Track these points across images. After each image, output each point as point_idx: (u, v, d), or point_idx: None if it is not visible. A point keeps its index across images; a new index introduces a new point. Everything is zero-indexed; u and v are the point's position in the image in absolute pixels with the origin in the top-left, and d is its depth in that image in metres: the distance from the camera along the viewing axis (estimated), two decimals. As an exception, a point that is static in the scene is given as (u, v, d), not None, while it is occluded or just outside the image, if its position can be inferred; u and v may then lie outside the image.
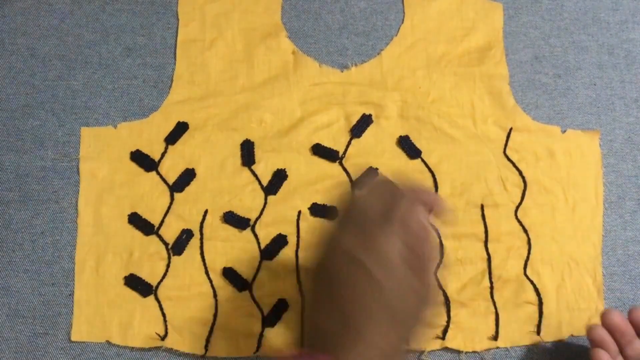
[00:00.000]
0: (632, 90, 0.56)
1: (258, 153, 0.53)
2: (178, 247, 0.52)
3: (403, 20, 0.57)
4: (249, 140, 0.53)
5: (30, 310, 0.51)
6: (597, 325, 0.45)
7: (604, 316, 0.45)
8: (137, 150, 0.53)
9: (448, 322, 0.50)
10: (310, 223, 0.52)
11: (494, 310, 0.50)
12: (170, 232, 0.52)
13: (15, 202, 0.53)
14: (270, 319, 0.50)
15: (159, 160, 0.53)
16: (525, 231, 0.52)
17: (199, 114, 0.54)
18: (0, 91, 0.55)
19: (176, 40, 0.56)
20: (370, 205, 0.34)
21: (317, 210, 0.52)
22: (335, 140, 0.54)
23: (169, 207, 0.52)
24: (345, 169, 0.53)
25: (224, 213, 0.52)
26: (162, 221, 0.52)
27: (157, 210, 0.52)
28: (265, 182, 0.53)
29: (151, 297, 0.51)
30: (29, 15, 0.57)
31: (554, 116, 0.56)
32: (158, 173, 0.53)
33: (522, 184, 0.53)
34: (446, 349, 0.50)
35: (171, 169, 0.53)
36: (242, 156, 0.53)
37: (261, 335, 0.50)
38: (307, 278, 0.46)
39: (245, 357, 0.50)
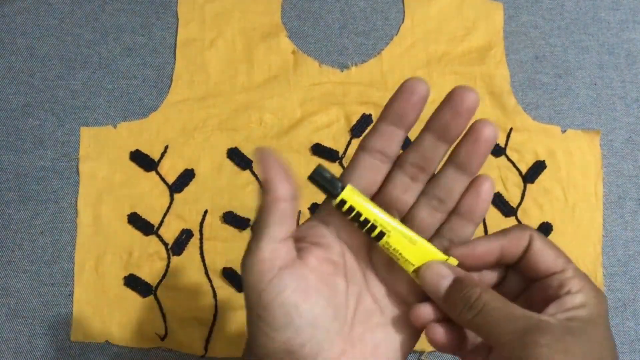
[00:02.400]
0: (632, 90, 0.56)
1: (258, 153, 0.53)
2: (178, 247, 0.52)
3: (403, 19, 0.57)
4: (231, 148, 0.53)
5: (29, 310, 0.51)
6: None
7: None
8: (137, 150, 0.53)
9: (448, 322, 0.50)
10: (310, 223, 0.52)
11: (494, 310, 0.50)
12: (170, 232, 0.52)
13: (15, 202, 0.53)
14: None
15: (159, 160, 0.53)
16: (526, 231, 0.52)
17: (198, 113, 0.54)
18: (-1, 91, 0.55)
19: (176, 40, 0.56)
20: None
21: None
22: (335, 140, 0.54)
23: (168, 207, 0.52)
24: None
25: (223, 213, 0.52)
26: (162, 221, 0.52)
27: (157, 210, 0.52)
28: (265, 182, 0.53)
29: (151, 297, 0.51)
30: (29, 15, 0.57)
31: (555, 116, 0.56)
32: (158, 173, 0.53)
33: (522, 184, 0.53)
34: (446, 349, 0.50)
35: (171, 169, 0.53)
36: (237, 164, 0.53)
37: (261, 335, 0.50)
38: None
39: (245, 358, 0.50)
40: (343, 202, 0.28)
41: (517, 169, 0.53)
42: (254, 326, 0.27)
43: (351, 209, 0.28)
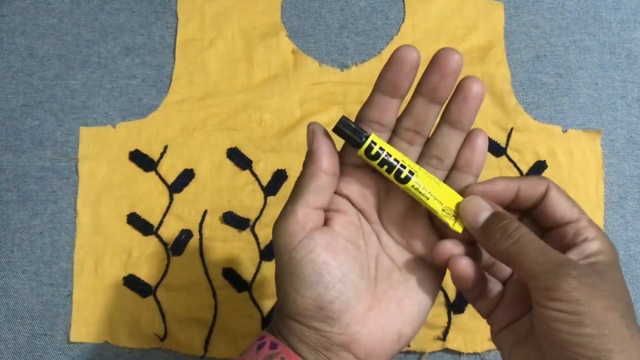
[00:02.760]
0: (633, 90, 0.56)
1: (258, 153, 0.53)
2: (177, 247, 0.51)
3: (404, 19, 0.57)
4: (231, 148, 0.53)
5: (28, 310, 0.51)
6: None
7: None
8: (136, 150, 0.53)
9: (449, 323, 0.50)
10: (310, 223, 0.52)
11: (494, 311, 0.50)
12: (170, 233, 0.52)
13: (14, 202, 0.53)
14: (270, 319, 0.50)
15: (158, 160, 0.53)
16: (526, 231, 0.52)
17: (198, 113, 0.54)
18: (-2, 91, 0.55)
19: (175, 40, 0.56)
20: None
21: (317, 210, 0.51)
22: (336, 139, 0.53)
23: (168, 207, 0.52)
24: (345, 169, 0.53)
25: (223, 213, 0.52)
26: (161, 221, 0.52)
27: (156, 211, 0.52)
28: (265, 183, 0.52)
29: (150, 298, 0.51)
30: (28, 15, 0.57)
31: (555, 116, 0.55)
32: (157, 173, 0.53)
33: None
34: (447, 350, 0.50)
35: (170, 168, 0.53)
36: (236, 164, 0.53)
37: (261, 336, 0.50)
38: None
39: (245, 358, 0.50)
40: (371, 147, 0.29)
41: (518, 168, 0.53)
42: (286, 286, 0.29)
43: (379, 153, 0.29)
